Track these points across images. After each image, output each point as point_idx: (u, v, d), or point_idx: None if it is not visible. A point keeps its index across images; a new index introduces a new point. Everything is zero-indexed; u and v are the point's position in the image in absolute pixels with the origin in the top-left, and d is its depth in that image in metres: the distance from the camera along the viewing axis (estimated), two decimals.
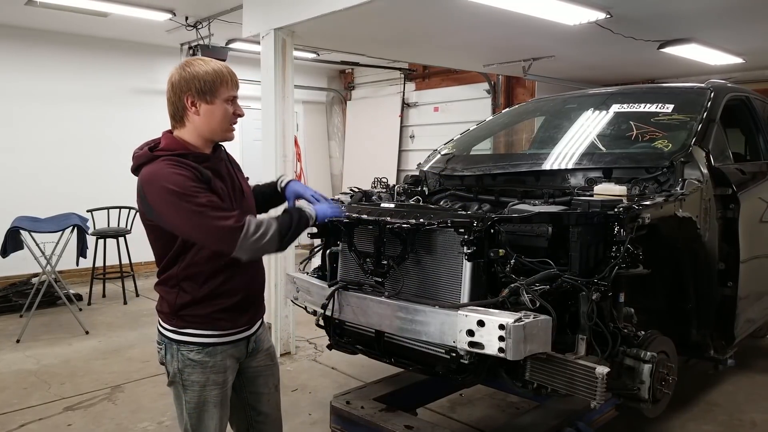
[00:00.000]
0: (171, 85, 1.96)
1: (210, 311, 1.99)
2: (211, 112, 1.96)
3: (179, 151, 1.93)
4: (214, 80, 1.94)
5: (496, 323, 2.16)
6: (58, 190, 7.32)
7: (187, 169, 1.87)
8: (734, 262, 3.15)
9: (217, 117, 1.97)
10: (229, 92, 1.98)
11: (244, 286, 2.05)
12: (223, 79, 1.96)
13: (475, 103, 8.59)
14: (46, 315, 6.02)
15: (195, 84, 1.92)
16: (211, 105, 1.95)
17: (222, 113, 1.97)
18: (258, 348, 2.19)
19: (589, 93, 4.25)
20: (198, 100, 1.94)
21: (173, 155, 1.91)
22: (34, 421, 3.69)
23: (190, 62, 1.97)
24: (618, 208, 2.36)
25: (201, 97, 1.93)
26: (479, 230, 2.42)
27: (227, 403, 2.11)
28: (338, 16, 4.46)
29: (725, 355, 3.31)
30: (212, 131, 1.99)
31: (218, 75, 1.95)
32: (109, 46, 7.82)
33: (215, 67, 1.96)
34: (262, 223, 1.90)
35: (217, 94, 1.95)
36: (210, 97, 1.94)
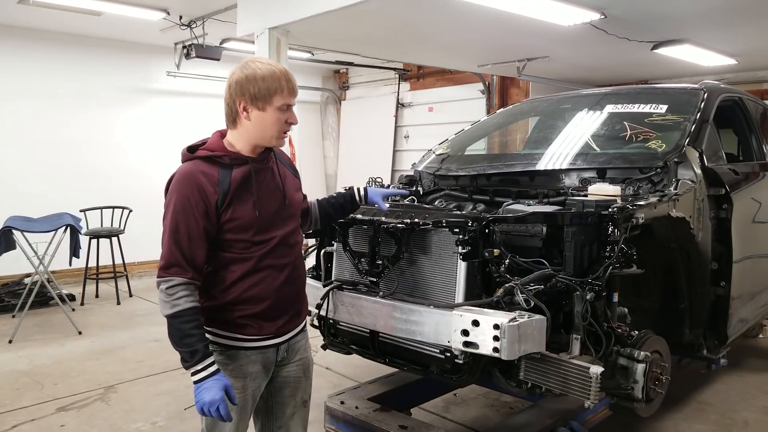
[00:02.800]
0: (228, 86, 1.94)
1: (235, 316, 1.96)
2: (262, 119, 1.92)
3: (217, 152, 1.92)
4: (269, 87, 1.89)
5: (490, 323, 2.16)
6: (50, 190, 7.28)
7: (195, 178, 1.87)
8: (727, 262, 3.17)
9: (267, 124, 1.93)
10: (283, 100, 1.92)
11: (273, 294, 1.98)
12: (279, 86, 1.90)
13: (470, 103, 8.61)
14: (39, 315, 5.98)
15: (249, 89, 1.89)
16: (262, 112, 1.91)
17: (273, 121, 1.93)
18: (290, 358, 2.11)
19: (583, 93, 4.26)
20: (250, 106, 1.91)
21: (203, 156, 1.91)
22: (27, 422, 3.66)
23: (248, 64, 1.94)
24: (612, 208, 2.37)
25: (254, 104, 1.91)
26: (474, 230, 2.43)
27: (247, 410, 2.04)
28: (333, 16, 4.46)
29: (718, 355, 3.33)
30: (262, 138, 1.96)
31: (274, 81, 1.90)
32: (103, 46, 7.78)
33: (273, 72, 1.91)
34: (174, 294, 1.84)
35: (271, 101, 1.91)
36: (262, 103, 1.90)
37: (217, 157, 1.92)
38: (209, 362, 1.86)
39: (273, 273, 1.97)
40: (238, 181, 1.91)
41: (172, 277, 1.84)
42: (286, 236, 2.01)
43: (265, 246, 1.95)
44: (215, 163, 1.91)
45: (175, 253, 1.85)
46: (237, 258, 1.93)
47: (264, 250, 1.95)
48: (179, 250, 1.85)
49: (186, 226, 1.85)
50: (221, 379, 1.86)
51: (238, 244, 1.93)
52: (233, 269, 1.93)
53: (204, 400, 1.82)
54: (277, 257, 1.98)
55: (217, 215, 1.88)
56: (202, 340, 1.87)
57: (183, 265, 1.85)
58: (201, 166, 1.90)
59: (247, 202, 1.92)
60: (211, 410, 1.82)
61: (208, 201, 1.86)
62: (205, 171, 1.89)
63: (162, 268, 1.86)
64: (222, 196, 1.88)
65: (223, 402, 1.83)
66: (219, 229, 1.90)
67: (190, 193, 1.85)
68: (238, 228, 1.91)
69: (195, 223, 1.85)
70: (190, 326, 1.86)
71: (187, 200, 1.85)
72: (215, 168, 1.91)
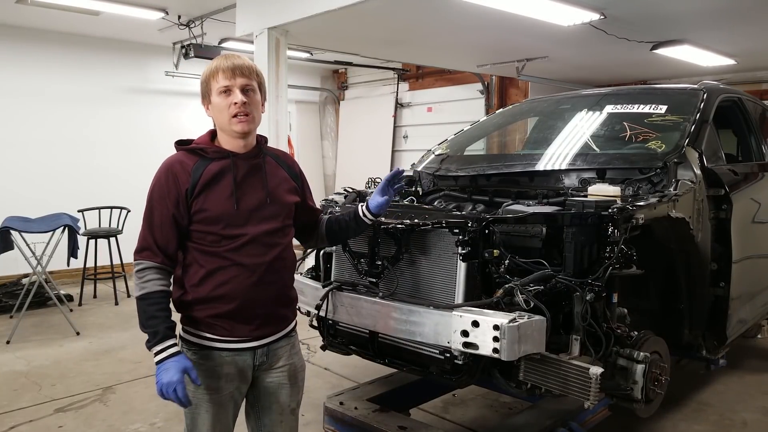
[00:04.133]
0: None
1: (205, 315, 1.95)
2: (214, 109, 1.99)
3: (195, 145, 2.01)
4: (207, 78, 1.98)
5: (490, 324, 2.16)
6: (48, 190, 7.27)
7: (171, 168, 1.94)
8: (727, 262, 3.17)
9: (217, 112, 1.98)
10: (218, 84, 1.94)
11: (242, 294, 1.93)
12: (212, 72, 1.96)
13: (469, 103, 8.61)
14: (37, 316, 5.97)
15: (200, 89, 2.02)
16: (211, 103, 1.99)
17: (221, 107, 1.96)
18: (271, 363, 2.06)
19: (582, 94, 4.26)
20: (205, 101, 2.01)
21: (187, 148, 2.01)
22: (25, 423, 3.65)
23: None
24: (612, 209, 2.36)
25: (205, 99, 2.01)
26: (473, 231, 2.42)
27: (225, 412, 2.01)
28: (332, 16, 4.46)
29: (717, 356, 3.33)
30: (223, 127, 2.00)
31: (207, 71, 1.98)
32: (101, 45, 7.77)
33: (210, 65, 1.99)
34: (143, 277, 1.92)
35: (210, 90, 1.97)
36: (208, 95, 1.99)
37: (199, 149, 1.98)
38: (170, 344, 1.86)
39: (244, 272, 1.93)
40: (213, 173, 1.94)
41: (143, 261, 1.93)
42: (260, 235, 1.96)
43: (235, 241, 1.92)
44: (197, 155, 1.98)
45: (148, 238, 1.93)
46: (207, 251, 1.93)
47: (233, 245, 1.92)
48: (151, 235, 1.93)
49: (159, 212, 1.92)
50: (181, 361, 1.85)
51: (208, 237, 1.92)
52: (203, 263, 1.93)
53: (162, 381, 1.81)
54: (248, 256, 1.93)
55: (188, 205, 1.91)
56: (166, 323, 1.88)
57: (154, 249, 1.92)
58: (181, 157, 1.98)
59: (219, 195, 1.93)
60: (168, 391, 1.80)
61: (180, 189, 1.91)
62: (182, 161, 1.96)
63: (135, 251, 1.96)
64: (192, 186, 1.91)
65: (181, 384, 1.81)
66: (189, 219, 1.93)
67: (165, 181, 1.93)
68: (207, 220, 1.91)
69: (166, 209, 1.91)
70: (156, 308, 1.88)
71: (161, 187, 1.93)
72: (194, 159, 1.97)
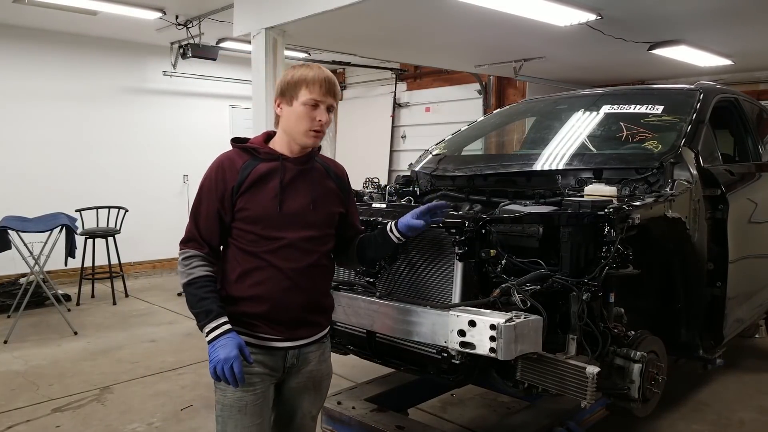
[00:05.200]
0: None
1: (239, 312, 1.95)
2: (289, 113, 1.98)
3: (249, 144, 2.03)
4: (298, 81, 1.96)
5: (487, 323, 2.16)
6: (46, 190, 7.26)
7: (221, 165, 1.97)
8: (723, 262, 3.17)
9: (293, 119, 1.97)
10: (309, 95, 1.94)
11: (276, 297, 1.95)
12: (307, 80, 1.95)
13: (467, 103, 8.61)
14: (35, 315, 5.96)
15: (282, 85, 2.00)
16: (290, 106, 1.98)
17: (300, 115, 1.95)
18: (299, 367, 2.05)
19: (579, 94, 4.26)
20: (280, 99, 2.00)
21: (240, 146, 2.03)
22: (22, 423, 3.65)
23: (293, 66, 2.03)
24: (608, 209, 2.37)
25: (283, 97, 2.00)
26: (470, 230, 2.43)
27: (258, 413, 1.98)
28: (330, 16, 4.46)
29: (714, 355, 3.33)
30: (292, 133, 1.99)
31: (303, 77, 1.96)
32: (99, 45, 7.76)
33: (306, 70, 1.98)
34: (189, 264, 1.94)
35: (297, 95, 1.95)
36: (289, 97, 1.97)
37: (252, 148, 2.01)
38: (223, 320, 1.89)
39: (279, 275, 1.94)
40: (261, 173, 1.96)
41: (189, 250, 1.96)
42: (299, 240, 1.97)
43: (273, 243, 1.95)
44: (248, 154, 2.00)
45: (193, 230, 1.97)
46: (245, 250, 1.96)
47: (271, 247, 1.95)
48: (196, 226, 1.97)
49: (206, 205, 1.97)
50: (235, 338, 1.87)
51: (248, 236, 1.96)
52: (240, 261, 1.97)
53: (219, 357, 1.83)
54: (284, 259, 1.95)
55: (233, 202, 1.95)
56: (217, 302, 1.91)
57: (199, 240, 1.96)
58: (233, 154, 2.01)
59: (264, 196, 1.95)
60: (225, 368, 1.82)
61: (226, 185, 1.94)
62: (233, 158, 1.99)
63: (182, 241, 1.99)
64: (239, 183, 1.94)
65: (238, 360, 1.84)
66: (232, 216, 1.96)
67: (214, 176, 1.97)
68: (248, 219, 1.95)
69: (212, 204, 1.95)
70: (205, 291, 1.91)
71: (210, 181, 1.97)
72: (245, 158, 1.99)
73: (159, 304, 6.62)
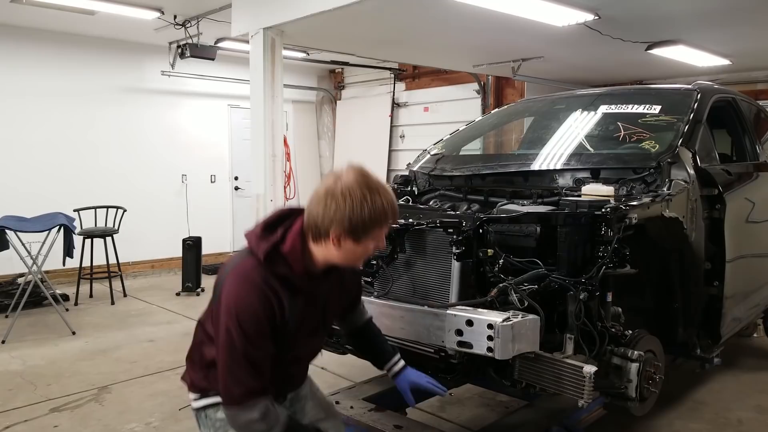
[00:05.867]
0: (326, 201, 1.69)
1: None
2: (353, 249, 1.74)
3: (284, 274, 1.74)
4: (375, 222, 1.70)
5: (484, 323, 2.16)
6: (44, 190, 7.25)
7: (269, 302, 1.71)
8: (720, 261, 3.18)
9: (357, 255, 1.78)
10: (383, 232, 1.76)
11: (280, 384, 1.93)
12: (384, 221, 1.72)
13: (465, 103, 8.61)
14: (32, 315, 5.96)
15: (351, 222, 1.67)
16: (356, 244, 1.73)
17: (364, 251, 1.77)
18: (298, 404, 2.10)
19: (577, 94, 4.27)
20: (346, 237, 1.70)
21: (274, 273, 1.74)
22: (20, 423, 3.65)
23: (356, 190, 1.67)
24: (605, 209, 2.38)
25: (350, 236, 1.70)
26: (468, 230, 2.43)
27: None
28: (328, 16, 4.46)
29: (712, 354, 3.34)
30: (343, 262, 1.80)
31: (380, 216, 1.70)
32: (97, 45, 7.75)
33: (382, 205, 1.70)
34: (269, 416, 1.71)
35: (371, 234, 1.73)
36: (361, 237, 1.71)
37: (284, 278, 1.75)
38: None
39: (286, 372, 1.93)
40: (300, 309, 1.79)
41: (256, 402, 1.70)
42: (306, 354, 2.00)
43: (281, 360, 1.83)
44: (287, 286, 1.75)
45: (252, 382, 1.69)
46: None
47: (278, 362, 1.82)
48: (256, 375, 1.70)
49: (263, 351, 1.72)
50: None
51: None
52: None
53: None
54: (289, 367, 1.94)
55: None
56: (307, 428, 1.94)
57: (260, 387, 1.71)
58: (274, 284, 1.73)
59: (289, 328, 1.79)
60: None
61: (275, 323, 1.74)
62: (278, 292, 1.73)
63: (237, 398, 1.69)
64: (282, 320, 1.75)
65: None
66: None
67: (264, 316, 1.70)
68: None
69: (268, 346, 1.73)
70: (300, 427, 1.88)
71: (258, 323, 1.69)
72: (285, 291, 1.74)
73: (157, 304, 6.62)
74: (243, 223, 8.76)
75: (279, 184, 4.97)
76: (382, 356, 2.24)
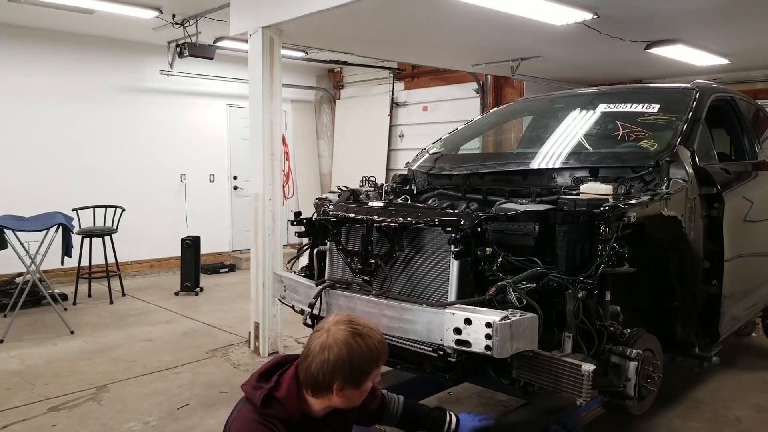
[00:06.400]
0: (325, 358, 1.79)
1: None
2: (354, 394, 1.86)
3: (281, 416, 1.83)
4: (370, 365, 1.83)
5: (482, 321, 2.16)
6: (42, 189, 7.25)
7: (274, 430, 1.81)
8: (719, 260, 3.18)
9: (358, 397, 1.89)
10: (379, 371, 1.89)
11: None
12: (378, 361, 1.86)
13: (464, 102, 8.61)
14: (31, 315, 5.95)
15: (349, 372, 1.79)
16: (357, 389, 1.85)
17: (362, 394, 1.88)
18: None
19: (576, 93, 4.27)
20: (347, 386, 1.82)
21: (272, 416, 1.82)
22: (18, 422, 3.64)
23: (349, 340, 1.79)
24: (604, 207, 2.37)
25: (350, 384, 1.82)
26: (466, 229, 2.43)
27: None
28: (327, 15, 4.45)
29: (710, 353, 3.34)
30: (343, 406, 1.90)
31: (374, 358, 1.84)
32: (95, 44, 7.74)
33: (374, 348, 1.83)
34: None
35: (369, 377, 1.86)
36: (360, 382, 1.84)
37: (284, 421, 1.84)
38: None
39: None
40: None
41: None
42: None
43: None
44: (286, 424, 1.84)
45: None
46: None
47: None
48: None
49: None
50: None
51: None
52: None
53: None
54: None
55: None
56: None
57: None
58: (275, 422, 1.82)
59: None
60: None
61: None
62: (279, 429, 1.82)
63: None
64: None
65: None
66: None
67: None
68: None
69: None
70: None
71: None
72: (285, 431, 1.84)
73: (156, 303, 6.61)
74: (242, 223, 8.78)
75: (278, 183, 4.97)
76: (435, 425, 2.33)
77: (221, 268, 8.50)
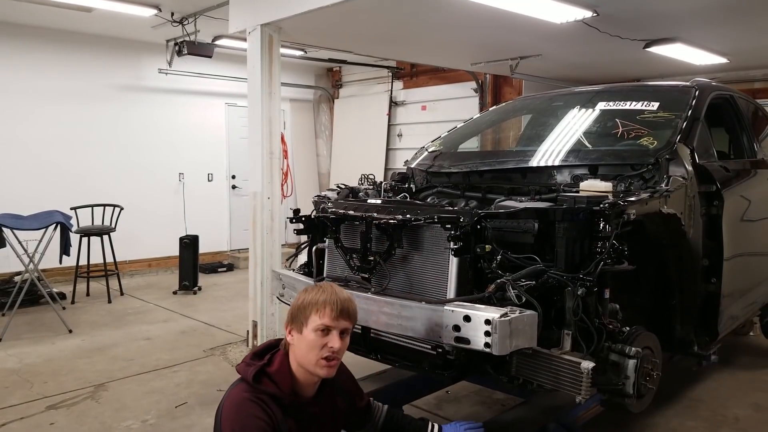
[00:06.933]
0: None
1: None
2: (300, 341, 1.93)
3: (272, 392, 1.91)
4: (308, 306, 1.92)
5: (482, 318, 2.16)
6: (41, 188, 7.24)
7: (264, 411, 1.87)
8: (718, 258, 3.18)
9: (305, 347, 1.92)
10: (320, 320, 1.90)
11: None
12: (318, 306, 1.91)
13: (463, 101, 8.61)
14: (29, 314, 5.94)
15: (293, 311, 1.95)
16: (300, 334, 1.92)
17: (310, 344, 1.91)
18: None
19: (575, 91, 4.26)
20: (291, 325, 1.95)
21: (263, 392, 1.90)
22: (16, 420, 3.64)
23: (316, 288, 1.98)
24: (603, 204, 2.37)
25: (294, 324, 1.95)
26: (465, 226, 2.42)
27: None
28: (325, 13, 4.44)
29: (709, 352, 3.34)
30: (304, 363, 1.94)
31: (312, 300, 1.92)
32: (94, 42, 7.72)
33: (319, 295, 1.93)
34: None
35: (307, 321, 1.92)
36: (300, 324, 1.93)
37: (273, 397, 1.91)
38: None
39: None
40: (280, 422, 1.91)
41: None
42: None
43: None
44: (279, 403, 1.91)
45: None
46: None
47: None
48: None
49: None
50: None
51: None
52: None
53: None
54: None
55: None
56: None
57: None
58: (266, 399, 1.89)
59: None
60: None
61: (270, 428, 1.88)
62: (269, 405, 1.89)
63: None
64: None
65: None
66: None
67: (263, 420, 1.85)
68: None
69: None
70: None
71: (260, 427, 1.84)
72: (278, 409, 1.91)
73: (154, 302, 6.60)
74: (240, 222, 8.77)
75: (276, 181, 4.96)
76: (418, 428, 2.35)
77: (219, 268, 8.49)
